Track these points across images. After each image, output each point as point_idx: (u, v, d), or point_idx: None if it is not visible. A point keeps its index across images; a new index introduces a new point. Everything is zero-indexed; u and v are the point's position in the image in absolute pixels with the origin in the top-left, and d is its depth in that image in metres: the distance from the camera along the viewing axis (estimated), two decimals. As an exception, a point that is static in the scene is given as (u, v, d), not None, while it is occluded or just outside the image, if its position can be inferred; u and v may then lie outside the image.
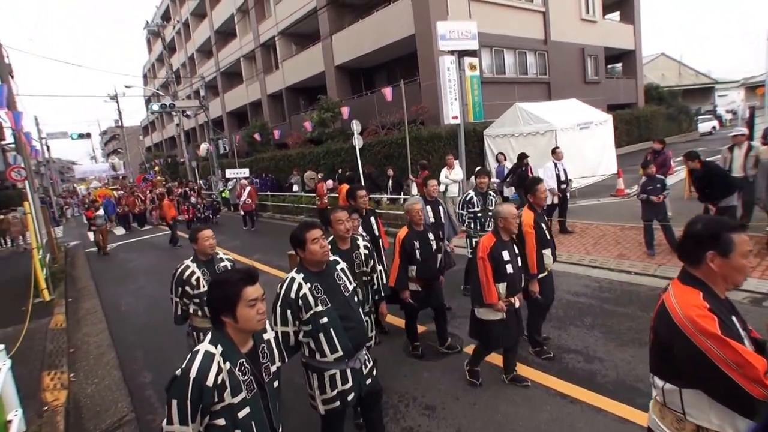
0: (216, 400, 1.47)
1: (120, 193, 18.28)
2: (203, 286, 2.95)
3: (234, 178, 16.59)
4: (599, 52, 19.95)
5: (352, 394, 2.25)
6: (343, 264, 2.43)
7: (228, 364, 1.51)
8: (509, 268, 2.98)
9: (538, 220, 3.49)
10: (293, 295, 2.14)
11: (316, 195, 11.52)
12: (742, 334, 1.35)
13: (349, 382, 2.23)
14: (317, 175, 14.17)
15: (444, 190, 8.19)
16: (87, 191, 33.75)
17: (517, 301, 3.10)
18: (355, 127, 11.59)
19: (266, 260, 7.96)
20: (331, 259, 2.36)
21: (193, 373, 1.43)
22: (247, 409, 1.54)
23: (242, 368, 1.54)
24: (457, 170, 8.46)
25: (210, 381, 1.44)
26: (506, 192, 8.86)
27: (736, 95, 32.54)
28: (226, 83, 28.45)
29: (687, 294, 1.42)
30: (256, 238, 11.05)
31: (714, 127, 25.29)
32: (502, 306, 2.96)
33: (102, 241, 10.98)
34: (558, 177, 7.38)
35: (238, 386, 1.52)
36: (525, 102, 12.49)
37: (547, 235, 3.55)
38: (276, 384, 1.70)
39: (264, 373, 1.63)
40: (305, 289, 2.16)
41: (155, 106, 20.28)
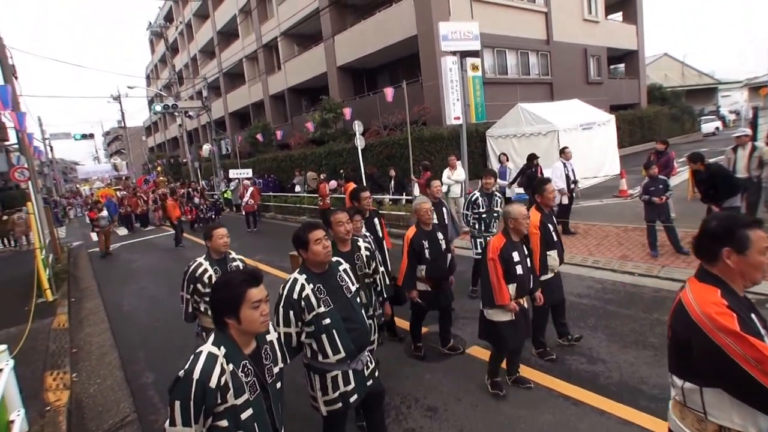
0: (219, 402, 1.46)
1: (123, 194, 18.33)
2: None
3: (236, 179, 16.62)
4: (602, 53, 19.90)
5: (355, 396, 2.24)
6: (345, 265, 2.42)
7: (231, 366, 1.50)
8: (519, 270, 2.95)
9: (544, 220, 3.45)
10: (296, 296, 2.14)
11: (319, 195, 11.53)
12: (762, 332, 1.33)
13: (352, 384, 2.23)
14: (319, 176, 14.17)
15: (446, 190, 8.17)
16: (90, 192, 33.90)
17: (526, 303, 3.07)
18: (357, 127, 11.59)
19: (268, 261, 7.96)
20: (334, 260, 2.36)
21: (196, 375, 1.43)
22: (250, 411, 1.53)
23: (245, 370, 1.54)
24: (460, 171, 8.44)
25: (213, 382, 1.44)
26: (508, 193, 8.83)
27: (739, 96, 32.41)
28: (229, 84, 28.52)
29: (705, 291, 1.40)
30: (258, 239, 11.06)
31: (717, 128, 25.21)
32: (514, 306, 2.93)
33: (105, 242, 10.96)
34: (567, 177, 7.33)
35: (241, 388, 1.51)
36: (527, 102, 12.48)
37: (554, 237, 3.49)
38: (279, 385, 1.70)
39: (267, 375, 1.63)
40: (308, 290, 2.16)
41: (158, 107, 20.38)
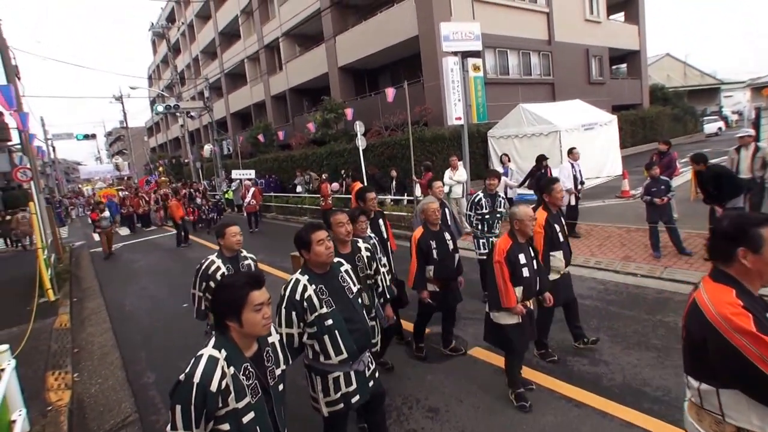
0: (220, 405, 1.45)
1: (125, 194, 18.36)
2: None
3: (237, 179, 16.64)
4: (604, 53, 19.86)
5: (357, 397, 2.24)
6: (347, 265, 2.42)
7: (232, 369, 1.49)
8: (525, 272, 2.92)
9: (550, 220, 3.42)
10: (298, 297, 2.13)
11: (320, 196, 11.53)
12: None
13: (353, 385, 2.22)
14: (320, 176, 14.18)
15: (448, 191, 8.16)
16: (92, 192, 33.98)
17: (532, 304, 3.04)
18: (359, 128, 11.58)
19: (269, 261, 7.96)
20: (335, 260, 2.35)
21: (197, 378, 1.42)
22: (252, 414, 1.52)
23: (247, 372, 1.53)
24: (461, 171, 8.42)
25: (214, 386, 1.43)
26: (510, 193, 8.79)
27: (741, 96, 32.32)
28: (230, 84, 28.58)
29: (720, 291, 1.39)
30: (259, 239, 11.06)
31: (720, 128, 25.12)
32: (521, 309, 2.90)
33: (108, 243, 10.91)
34: (575, 178, 7.28)
35: (242, 391, 1.50)
36: (529, 103, 12.46)
37: (560, 237, 3.45)
38: (281, 387, 1.68)
39: (269, 377, 1.61)
40: (310, 290, 2.15)
41: (160, 107, 20.43)
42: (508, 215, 3.04)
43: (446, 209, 4.72)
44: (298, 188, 15.39)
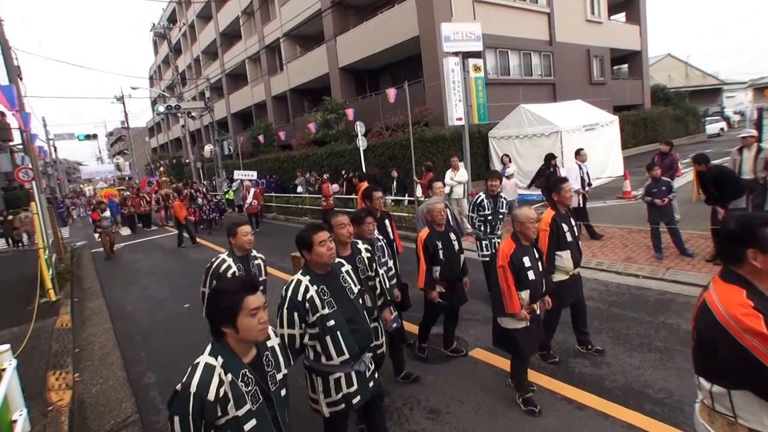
0: (220, 414, 1.42)
1: (126, 194, 18.37)
2: None
3: (238, 179, 16.64)
4: (605, 53, 19.84)
5: (358, 397, 2.23)
6: (347, 266, 2.41)
7: (230, 376, 1.46)
8: (531, 275, 2.87)
9: (557, 219, 3.37)
10: (300, 298, 2.13)
11: (322, 196, 11.53)
12: None
13: (354, 385, 2.22)
14: (321, 177, 14.16)
15: (449, 191, 8.16)
16: (93, 192, 34.04)
17: (538, 308, 3.01)
18: (359, 128, 11.57)
19: (270, 262, 7.87)
20: (336, 261, 2.34)
21: (194, 388, 1.39)
22: (254, 422, 1.49)
23: (245, 379, 1.50)
24: (462, 172, 8.42)
25: (211, 395, 1.40)
26: (510, 196, 8.77)
27: (743, 96, 32.26)
28: (231, 85, 28.62)
29: (730, 292, 1.38)
30: (260, 240, 11.00)
31: (722, 129, 25.05)
32: (525, 315, 2.86)
33: (110, 245, 10.82)
34: (582, 179, 7.24)
35: (242, 398, 1.47)
36: (530, 103, 12.44)
37: (568, 237, 3.39)
38: (283, 392, 1.65)
39: (270, 382, 1.58)
40: (312, 291, 2.15)
41: (161, 108, 20.43)
42: (511, 217, 3.01)
43: (447, 210, 4.71)
44: (299, 188, 15.38)
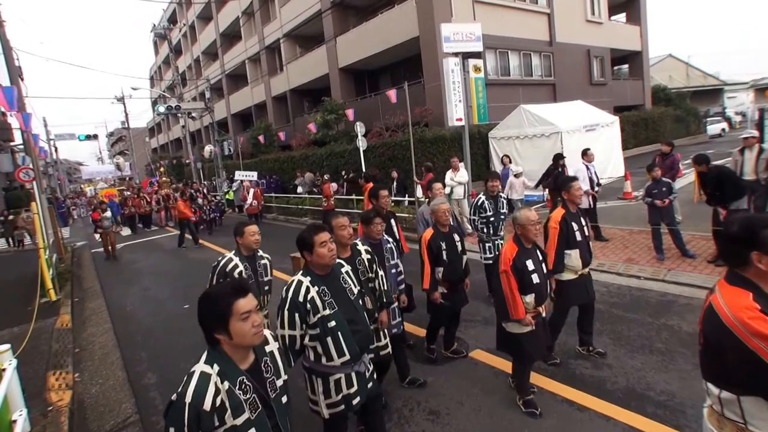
0: (217, 424, 1.38)
1: (127, 194, 18.38)
2: None
3: (238, 180, 16.64)
4: (605, 54, 19.83)
5: (358, 398, 2.23)
6: (347, 267, 2.41)
7: (227, 384, 1.41)
8: (535, 278, 2.82)
9: (567, 218, 3.35)
10: (301, 299, 2.12)
11: (323, 196, 11.52)
12: None
13: (354, 386, 2.22)
14: (322, 177, 14.15)
15: (449, 192, 8.15)
16: (94, 192, 34.05)
17: (544, 311, 2.98)
18: (359, 128, 11.57)
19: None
20: (336, 261, 2.33)
21: (189, 398, 1.35)
22: (253, 431, 1.45)
23: (243, 386, 1.45)
24: (462, 172, 8.42)
25: (207, 405, 1.35)
26: (512, 195, 8.76)
27: (745, 97, 32.23)
28: (231, 85, 28.62)
29: (736, 295, 1.36)
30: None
31: (723, 129, 25.03)
32: (530, 320, 2.82)
33: (111, 246, 10.75)
34: (590, 179, 7.21)
35: (239, 407, 1.42)
36: (530, 104, 12.43)
37: (577, 236, 3.35)
38: (284, 399, 1.60)
39: (269, 389, 1.54)
40: (313, 292, 2.14)
41: (161, 108, 20.44)
42: (512, 220, 2.97)
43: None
44: (299, 189, 15.37)
